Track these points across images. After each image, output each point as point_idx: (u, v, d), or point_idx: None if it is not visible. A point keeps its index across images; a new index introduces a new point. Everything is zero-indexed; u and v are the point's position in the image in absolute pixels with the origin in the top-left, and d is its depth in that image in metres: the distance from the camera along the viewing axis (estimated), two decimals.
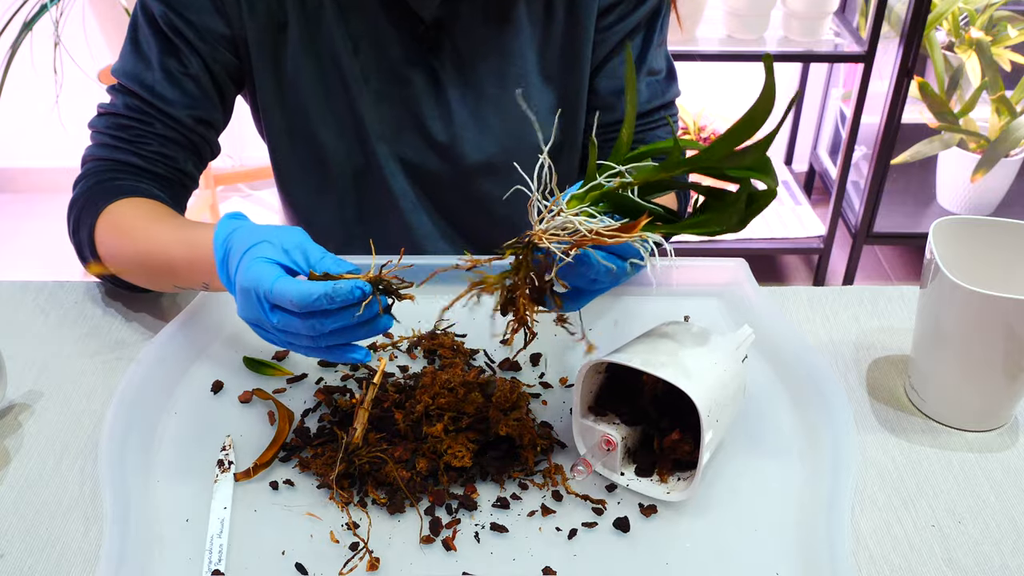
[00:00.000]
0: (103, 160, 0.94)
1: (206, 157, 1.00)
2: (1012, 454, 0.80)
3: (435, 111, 1.00)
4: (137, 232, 0.86)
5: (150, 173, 0.94)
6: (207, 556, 0.68)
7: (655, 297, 0.97)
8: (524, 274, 0.68)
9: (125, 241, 0.87)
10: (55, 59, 2.14)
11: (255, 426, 0.80)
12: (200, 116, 0.96)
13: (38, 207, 2.83)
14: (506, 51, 0.98)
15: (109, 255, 0.88)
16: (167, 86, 0.93)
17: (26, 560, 0.69)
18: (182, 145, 0.96)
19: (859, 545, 0.71)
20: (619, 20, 0.99)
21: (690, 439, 0.74)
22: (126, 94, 0.95)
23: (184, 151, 0.96)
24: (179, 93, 0.94)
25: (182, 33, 0.92)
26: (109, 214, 0.88)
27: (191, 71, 0.94)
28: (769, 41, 2.21)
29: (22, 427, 0.81)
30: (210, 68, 0.95)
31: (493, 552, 0.70)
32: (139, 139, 0.94)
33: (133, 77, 0.94)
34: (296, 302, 0.66)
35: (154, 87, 0.93)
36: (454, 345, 0.89)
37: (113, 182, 0.91)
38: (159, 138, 0.94)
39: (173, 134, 0.95)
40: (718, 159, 0.64)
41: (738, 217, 0.67)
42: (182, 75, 0.93)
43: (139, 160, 0.94)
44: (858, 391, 0.86)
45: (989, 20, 2.26)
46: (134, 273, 0.89)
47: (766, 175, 0.66)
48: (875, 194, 2.30)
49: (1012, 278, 0.82)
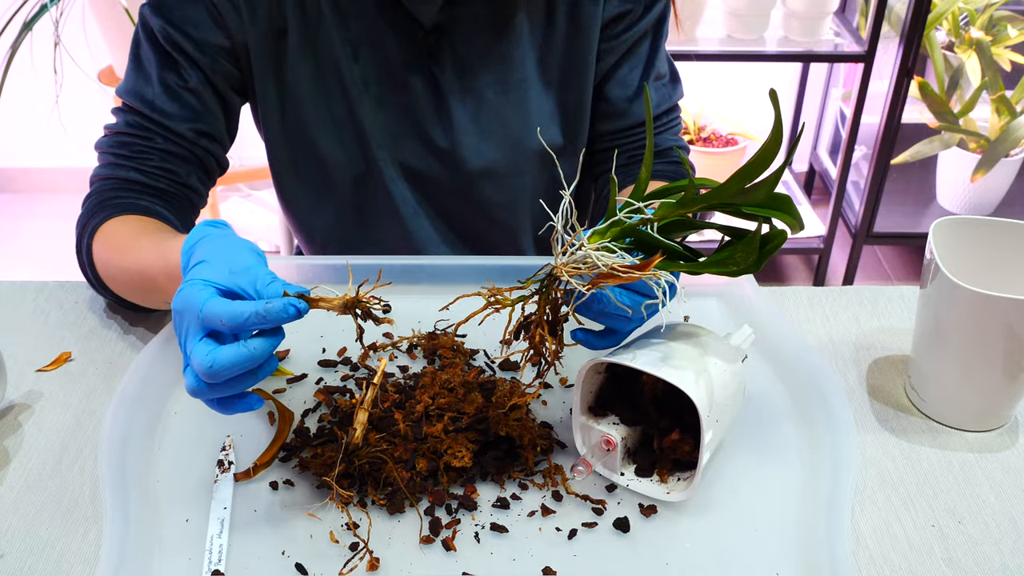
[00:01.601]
0: (107, 179, 0.94)
1: (212, 171, 1.00)
2: (1012, 454, 0.80)
3: (435, 117, 1.00)
4: (124, 249, 0.86)
5: (153, 189, 0.94)
6: (207, 556, 0.68)
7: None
8: (543, 305, 0.68)
9: (115, 258, 0.86)
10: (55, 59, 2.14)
11: (255, 426, 0.80)
12: (202, 129, 0.95)
13: (38, 207, 2.83)
14: (507, 57, 0.98)
15: (106, 274, 0.88)
16: (166, 100, 0.93)
17: (26, 560, 0.69)
18: (185, 159, 0.95)
19: (859, 545, 0.71)
20: (627, 28, 1.00)
21: (690, 439, 0.74)
22: (128, 112, 0.95)
23: (187, 165, 0.96)
24: (179, 107, 0.93)
25: (181, 47, 0.92)
26: (102, 233, 0.88)
27: (191, 85, 0.93)
28: (769, 41, 2.21)
29: (22, 427, 0.81)
30: (211, 81, 0.95)
31: (493, 552, 0.70)
32: (140, 155, 0.94)
33: (134, 94, 0.94)
34: (227, 322, 0.62)
35: (154, 102, 0.93)
36: (454, 345, 0.89)
37: (113, 200, 0.91)
38: (160, 153, 0.94)
39: (175, 148, 0.94)
40: (731, 195, 0.65)
41: (754, 257, 0.67)
42: (182, 89, 0.93)
43: (140, 176, 0.93)
44: (858, 391, 0.86)
45: (989, 20, 2.26)
46: (128, 291, 0.88)
47: (788, 215, 0.67)
48: (875, 194, 2.30)
49: (1012, 278, 0.82)
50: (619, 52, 1.01)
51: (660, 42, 1.03)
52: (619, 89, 1.03)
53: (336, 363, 0.88)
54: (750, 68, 2.67)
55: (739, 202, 0.66)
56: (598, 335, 0.73)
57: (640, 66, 1.03)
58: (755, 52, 2.18)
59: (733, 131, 2.57)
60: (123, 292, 0.89)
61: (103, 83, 2.43)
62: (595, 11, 0.98)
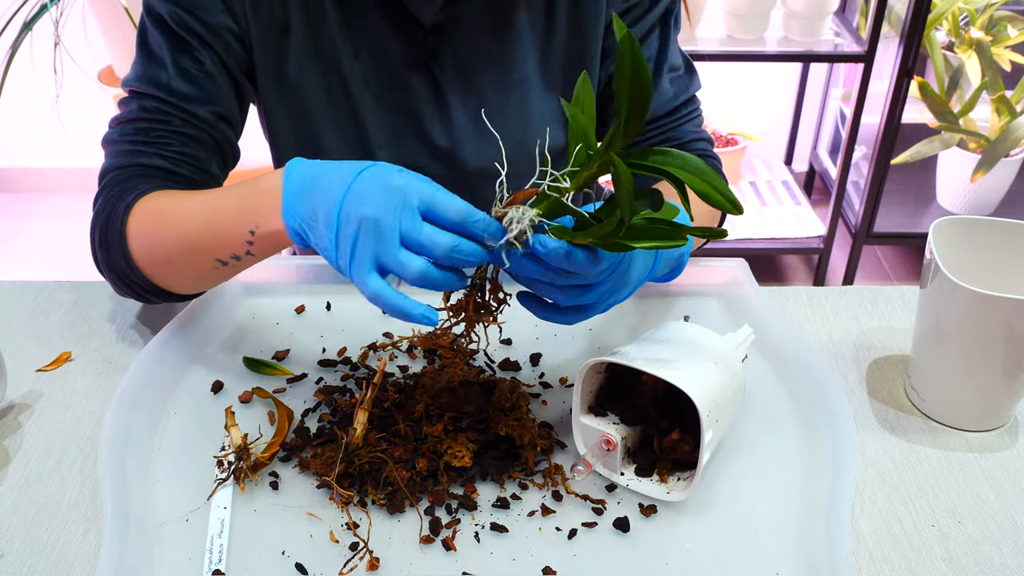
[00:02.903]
0: (124, 168, 0.89)
1: (228, 159, 0.97)
2: (1012, 454, 0.80)
3: (436, 116, 1.00)
4: (174, 209, 0.82)
5: (176, 175, 0.90)
6: (207, 556, 0.68)
7: (655, 297, 0.97)
8: (477, 277, 0.70)
9: (163, 224, 0.82)
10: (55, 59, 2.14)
11: (255, 426, 0.80)
12: (220, 112, 0.92)
13: (38, 207, 2.83)
14: (507, 57, 0.98)
15: (145, 251, 0.84)
16: (183, 82, 0.90)
17: (26, 560, 0.69)
18: (205, 144, 0.92)
19: (859, 545, 0.71)
20: (633, 24, 0.99)
21: (690, 439, 0.74)
22: (142, 98, 0.91)
23: (207, 151, 0.93)
24: (196, 89, 0.90)
25: (193, 29, 0.89)
26: (141, 207, 0.84)
27: (206, 67, 0.91)
28: (769, 41, 2.21)
29: (22, 427, 0.81)
30: (225, 63, 0.92)
31: (493, 552, 0.70)
32: (161, 140, 0.90)
33: (148, 80, 0.90)
34: (460, 214, 0.66)
35: (170, 84, 0.89)
36: (454, 345, 0.89)
37: (137, 188, 0.87)
38: (181, 136, 0.90)
39: (195, 131, 0.91)
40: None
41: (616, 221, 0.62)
42: (197, 71, 0.90)
43: (164, 162, 0.89)
44: (858, 391, 0.86)
45: (989, 20, 2.26)
46: (171, 260, 0.83)
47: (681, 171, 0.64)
48: (875, 194, 2.30)
49: (1012, 278, 0.82)
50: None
51: (670, 34, 1.01)
52: None
53: (336, 363, 0.88)
54: (750, 68, 2.67)
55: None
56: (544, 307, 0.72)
57: (652, 61, 1.01)
58: (755, 52, 2.18)
59: (733, 131, 2.57)
60: (162, 264, 0.84)
61: (103, 83, 2.42)
62: (596, 10, 0.97)
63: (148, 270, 0.84)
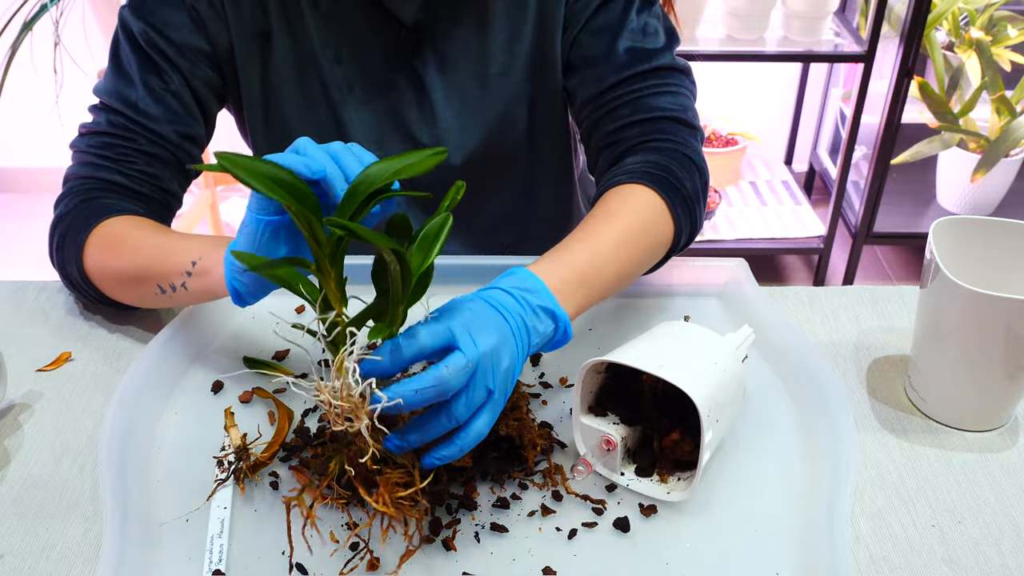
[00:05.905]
0: (87, 178, 0.93)
1: (190, 176, 0.99)
2: (1012, 454, 0.80)
3: (418, 114, 1.00)
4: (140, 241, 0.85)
5: (135, 193, 0.93)
6: (207, 556, 0.68)
7: (655, 297, 0.97)
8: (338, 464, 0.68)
9: (123, 251, 0.85)
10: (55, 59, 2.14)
11: (255, 426, 0.80)
12: (185, 132, 0.95)
13: (38, 207, 2.82)
14: (486, 51, 0.98)
15: (99, 268, 0.87)
16: (150, 102, 0.93)
17: (26, 560, 0.69)
18: (168, 163, 0.95)
19: (859, 545, 0.71)
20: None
21: (690, 439, 0.74)
22: (109, 112, 0.94)
23: (170, 169, 0.95)
24: (162, 109, 0.93)
25: (162, 50, 0.92)
26: (103, 229, 0.87)
27: (172, 87, 0.93)
28: (769, 41, 2.21)
29: (22, 427, 0.81)
30: (191, 84, 0.94)
31: (493, 552, 0.70)
32: (124, 157, 0.93)
33: (116, 95, 0.93)
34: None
35: (137, 104, 0.92)
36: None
37: (99, 201, 0.90)
38: (144, 156, 0.93)
39: (158, 151, 0.94)
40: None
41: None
42: (164, 91, 0.93)
43: (124, 179, 0.92)
44: (858, 391, 0.86)
45: (989, 20, 2.26)
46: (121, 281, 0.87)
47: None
48: (875, 194, 2.30)
49: (1012, 278, 0.82)
50: (579, 21, 0.97)
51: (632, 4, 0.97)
52: (574, 51, 0.98)
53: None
54: (750, 68, 2.67)
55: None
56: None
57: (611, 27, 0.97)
58: (755, 52, 2.18)
59: (733, 131, 2.57)
60: (112, 285, 0.88)
61: None
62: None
63: (99, 285, 0.88)
